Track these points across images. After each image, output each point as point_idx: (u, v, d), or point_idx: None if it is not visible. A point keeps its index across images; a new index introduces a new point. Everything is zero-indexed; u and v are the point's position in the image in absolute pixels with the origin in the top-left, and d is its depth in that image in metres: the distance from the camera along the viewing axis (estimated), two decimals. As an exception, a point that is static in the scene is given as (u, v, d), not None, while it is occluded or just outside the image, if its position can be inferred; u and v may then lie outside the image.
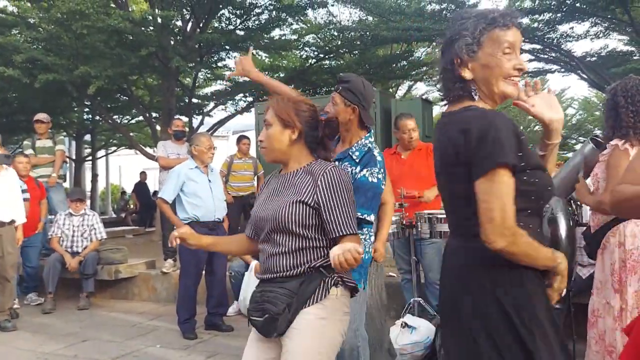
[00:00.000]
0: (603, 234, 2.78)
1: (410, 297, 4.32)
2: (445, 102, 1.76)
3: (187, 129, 6.77)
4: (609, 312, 2.68)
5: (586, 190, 2.89)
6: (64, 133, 14.09)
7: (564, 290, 1.66)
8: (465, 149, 1.55)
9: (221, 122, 12.25)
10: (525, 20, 10.97)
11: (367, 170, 2.63)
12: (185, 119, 10.82)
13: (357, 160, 2.67)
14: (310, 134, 2.07)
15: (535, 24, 11.06)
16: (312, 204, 1.94)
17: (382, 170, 2.71)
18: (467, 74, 1.64)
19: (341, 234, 1.92)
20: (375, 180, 2.64)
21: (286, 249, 1.95)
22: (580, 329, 3.34)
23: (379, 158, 2.70)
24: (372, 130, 2.81)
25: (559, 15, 10.53)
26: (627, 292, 2.61)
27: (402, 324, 3.80)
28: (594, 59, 11.89)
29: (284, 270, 1.94)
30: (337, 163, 2.57)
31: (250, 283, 5.09)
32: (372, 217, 2.66)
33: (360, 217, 2.53)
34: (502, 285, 1.57)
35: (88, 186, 18.39)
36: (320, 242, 1.97)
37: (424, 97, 12.80)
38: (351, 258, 1.70)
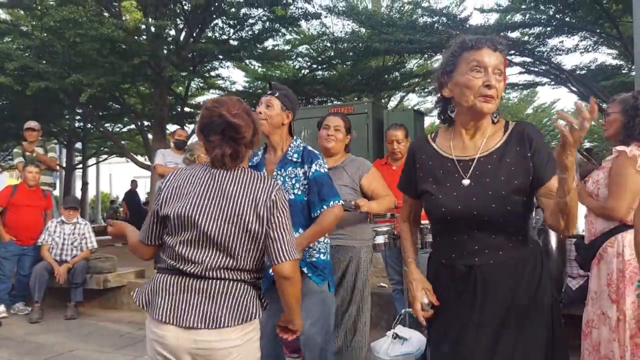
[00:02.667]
0: (599, 245, 2.77)
1: (401, 308, 4.30)
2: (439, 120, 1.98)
3: (187, 140, 6.78)
4: (605, 322, 2.67)
5: (585, 193, 2.89)
6: (55, 141, 14.02)
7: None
8: None
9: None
10: (516, 34, 11.11)
11: (315, 165, 2.67)
12: (188, 129, 10.83)
13: (298, 161, 2.70)
14: None
15: (526, 38, 11.20)
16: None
17: (325, 162, 2.76)
18: (446, 93, 1.83)
19: None
20: (326, 169, 2.70)
21: None
22: (571, 340, 3.35)
23: (316, 151, 2.77)
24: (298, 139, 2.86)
25: (548, 29, 10.67)
26: (626, 303, 2.60)
27: (393, 335, 3.78)
28: (583, 72, 12.04)
29: None
30: (277, 172, 2.67)
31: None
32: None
33: (332, 205, 2.61)
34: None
35: (78, 194, 18.27)
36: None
37: (416, 108, 12.87)
38: None
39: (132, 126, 14.24)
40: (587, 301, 2.85)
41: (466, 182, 1.76)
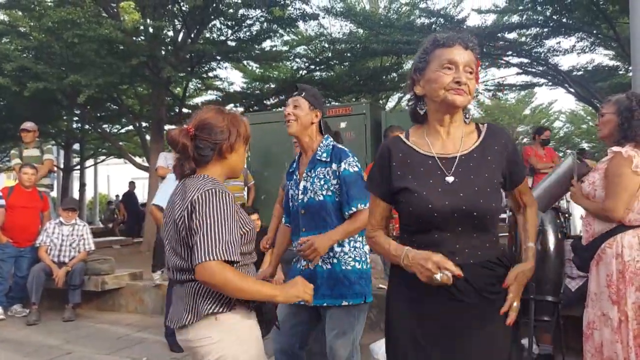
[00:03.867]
0: (597, 246, 2.77)
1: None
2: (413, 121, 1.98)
3: None
4: (607, 324, 2.67)
5: (582, 194, 2.89)
6: (53, 142, 13.99)
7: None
8: None
9: (211, 132, 12.22)
10: (513, 35, 11.13)
11: (344, 163, 2.60)
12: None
13: (327, 160, 2.64)
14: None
15: (523, 39, 11.22)
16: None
17: (356, 160, 2.69)
18: (418, 90, 1.85)
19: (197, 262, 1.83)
20: (357, 169, 2.63)
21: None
22: (570, 341, 3.35)
23: (346, 150, 2.70)
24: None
25: (545, 30, 10.70)
26: (627, 304, 2.60)
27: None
28: (580, 73, 12.07)
29: None
30: (310, 173, 2.64)
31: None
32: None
33: (363, 208, 2.51)
34: None
35: (76, 195, 18.23)
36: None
37: (413, 109, 12.84)
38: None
39: (130, 127, 14.21)
40: (587, 303, 2.84)
41: (450, 178, 1.76)
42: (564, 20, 10.35)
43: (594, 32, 10.75)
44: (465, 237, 1.74)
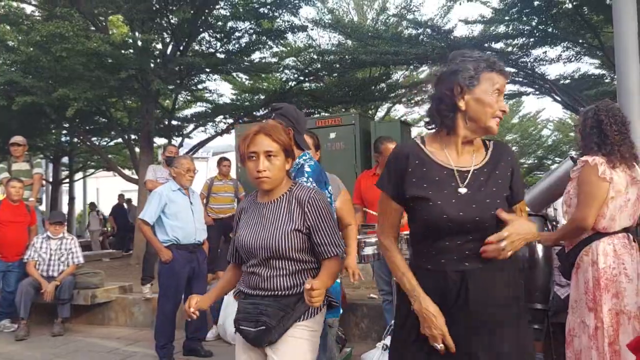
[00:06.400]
0: (576, 254, 2.82)
1: (391, 319, 4.32)
2: (430, 126, 1.97)
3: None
4: (584, 330, 2.70)
5: (546, 239, 3.04)
6: (41, 155, 13.90)
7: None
8: None
9: (201, 144, 12.23)
10: (500, 45, 11.26)
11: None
12: (175, 142, 10.79)
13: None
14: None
15: (510, 49, 11.34)
16: (304, 230, 2.09)
17: (310, 179, 2.73)
18: (461, 104, 1.84)
19: (329, 255, 2.11)
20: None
21: (285, 272, 2.10)
22: (560, 348, 3.37)
23: (307, 168, 2.78)
24: (308, 153, 2.89)
25: (532, 40, 10.82)
26: (602, 311, 2.64)
27: (383, 346, 3.79)
28: (567, 81, 12.20)
29: (283, 290, 2.09)
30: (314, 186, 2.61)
31: (229, 307, 5.04)
32: None
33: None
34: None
35: (65, 209, 18.09)
36: (314, 263, 2.16)
37: (402, 119, 12.97)
38: (316, 300, 1.91)
39: (119, 140, 14.16)
40: (569, 310, 2.88)
41: (463, 190, 1.83)
42: (550, 30, 10.48)
43: (580, 41, 10.89)
44: (475, 244, 1.79)
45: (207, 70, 10.97)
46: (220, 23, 9.94)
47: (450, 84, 1.84)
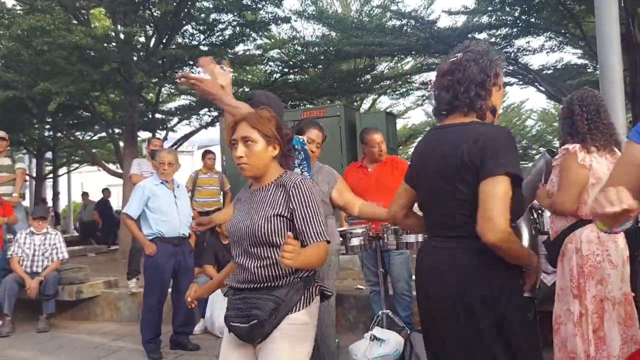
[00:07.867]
0: (561, 241, 2.85)
1: (378, 309, 4.34)
2: (443, 111, 1.97)
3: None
4: (570, 318, 2.74)
5: (545, 194, 2.99)
6: (24, 150, 13.73)
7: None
8: (480, 155, 1.77)
9: (186, 137, 12.16)
10: (484, 36, 11.31)
11: None
12: (160, 136, 10.70)
13: None
14: (285, 149, 2.15)
15: (493, 39, 11.39)
16: (287, 215, 2.02)
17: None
18: (491, 95, 1.94)
19: (311, 242, 1.99)
20: None
21: (272, 261, 2.00)
22: (548, 335, 3.41)
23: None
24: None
25: (515, 30, 10.89)
26: (587, 298, 2.67)
27: (370, 337, 3.81)
28: (550, 71, 12.32)
29: (272, 280, 2.01)
30: (306, 174, 2.60)
31: (216, 300, 5.03)
32: None
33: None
34: (504, 279, 1.82)
35: (49, 204, 17.91)
36: None
37: (387, 110, 12.99)
38: (287, 257, 1.75)
39: (103, 134, 14.04)
40: (555, 298, 2.92)
41: None
42: (533, 20, 10.55)
43: (562, 31, 10.98)
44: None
45: (191, 63, 10.87)
46: (203, 15, 9.86)
47: (489, 70, 1.91)
